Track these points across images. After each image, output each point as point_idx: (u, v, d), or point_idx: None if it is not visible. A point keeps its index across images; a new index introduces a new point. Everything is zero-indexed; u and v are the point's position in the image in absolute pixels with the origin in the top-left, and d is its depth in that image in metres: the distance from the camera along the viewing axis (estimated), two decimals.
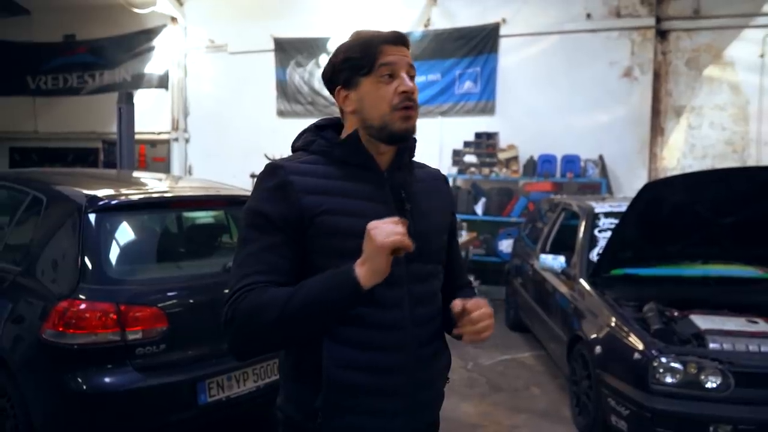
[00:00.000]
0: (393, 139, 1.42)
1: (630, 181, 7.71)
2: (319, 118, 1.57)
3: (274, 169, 1.39)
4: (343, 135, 1.46)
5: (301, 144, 1.49)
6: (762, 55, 7.41)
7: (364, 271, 1.23)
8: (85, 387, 2.82)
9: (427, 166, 1.64)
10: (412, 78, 1.42)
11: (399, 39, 1.43)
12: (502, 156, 8.03)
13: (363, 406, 1.38)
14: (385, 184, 1.44)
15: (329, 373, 1.35)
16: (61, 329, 2.82)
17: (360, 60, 1.40)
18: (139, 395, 2.91)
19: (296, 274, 1.35)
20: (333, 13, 8.89)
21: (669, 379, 3.24)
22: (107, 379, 2.86)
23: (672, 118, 7.88)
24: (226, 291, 1.36)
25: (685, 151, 7.84)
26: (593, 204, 5.03)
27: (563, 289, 4.60)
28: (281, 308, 1.24)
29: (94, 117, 10.59)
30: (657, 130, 7.93)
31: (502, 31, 8.25)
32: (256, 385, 3.31)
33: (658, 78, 7.84)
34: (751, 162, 7.41)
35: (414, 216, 1.44)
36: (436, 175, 1.63)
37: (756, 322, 3.57)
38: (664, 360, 3.26)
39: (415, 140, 1.55)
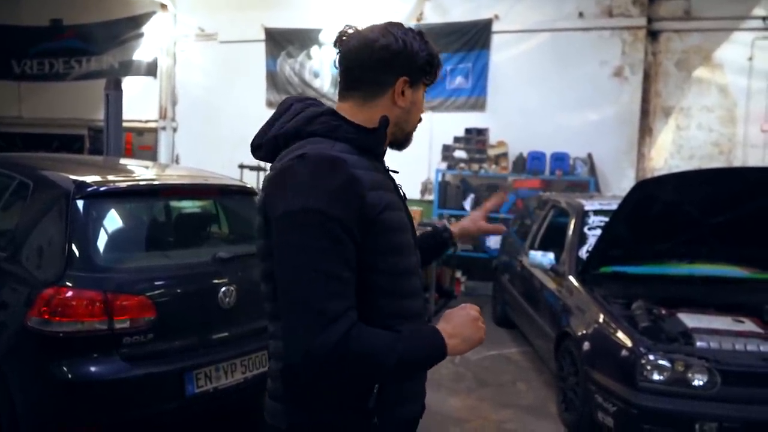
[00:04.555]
0: (401, 147, 1.49)
1: (618, 180, 7.76)
2: (308, 100, 1.43)
3: (335, 161, 1.23)
4: (359, 122, 1.36)
5: (322, 129, 1.32)
6: (750, 58, 7.48)
7: (456, 345, 1.32)
8: (70, 376, 2.78)
9: None
10: None
11: None
12: (491, 152, 8.03)
13: (403, 394, 1.40)
14: (389, 174, 1.45)
15: None
16: (46, 317, 2.77)
17: (434, 68, 1.41)
18: (125, 385, 2.87)
19: None
20: (325, 5, 8.83)
21: (656, 377, 3.26)
22: (93, 368, 2.82)
23: (661, 118, 7.93)
24: (216, 281, 1.33)
25: (672, 152, 7.90)
26: (583, 202, 5.06)
27: (552, 285, 4.61)
28: (389, 362, 1.22)
29: (81, 103, 10.43)
30: (645, 130, 7.98)
31: (495, 27, 8.25)
32: (245, 376, 3.28)
33: (647, 78, 7.88)
34: (737, 164, 7.48)
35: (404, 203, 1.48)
36: None
37: (742, 322, 3.61)
38: (652, 357, 3.28)
39: None
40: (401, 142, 1.46)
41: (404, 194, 1.48)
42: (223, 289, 3.17)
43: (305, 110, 1.37)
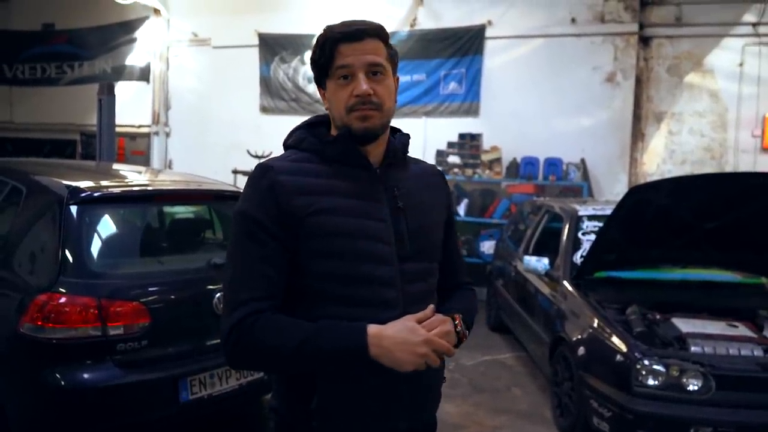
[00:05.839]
0: (357, 140, 1.39)
1: (611, 185, 7.79)
2: (311, 116, 1.54)
3: (264, 170, 1.36)
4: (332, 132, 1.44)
5: (292, 142, 1.46)
6: (741, 64, 7.54)
7: (380, 356, 1.27)
8: (63, 383, 2.76)
9: (423, 162, 1.61)
10: (375, 74, 1.36)
11: (357, 35, 1.36)
12: (485, 157, 8.05)
13: (358, 408, 1.36)
14: (377, 181, 1.41)
15: (323, 375, 1.33)
16: (39, 323, 2.75)
17: (320, 62, 1.39)
18: (119, 392, 2.85)
19: (286, 280, 1.34)
20: (318, 10, 8.83)
21: (651, 382, 3.27)
22: (87, 375, 2.80)
23: (653, 123, 7.98)
24: (210, 287, 1.36)
25: (664, 157, 7.95)
26: (577, 207, 5.07)
27: (546, 290, 4.62)
28: (292, 352, 1.26)
29: (73, 108, 10.39)
30: (638, 135, 8.02)
31: (488, 33, 8.28)
32: (239, 383, 3.26)
33: (639, 84, 7.93)
34: (729, 169, 7.53)
35: (407, 213, 1.43)
36: (432, 171, 1.60)
37: (736, 326, 3.62)
38: (647, 362, 3.29)
39: (408, 136, 1.54)
40: (355, 135, 1.38)
41: (400, 204, 1.42)
42: (218, 294, 3.15)
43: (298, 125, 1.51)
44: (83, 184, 3.17)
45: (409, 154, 1.55)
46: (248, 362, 1.36)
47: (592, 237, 4.51)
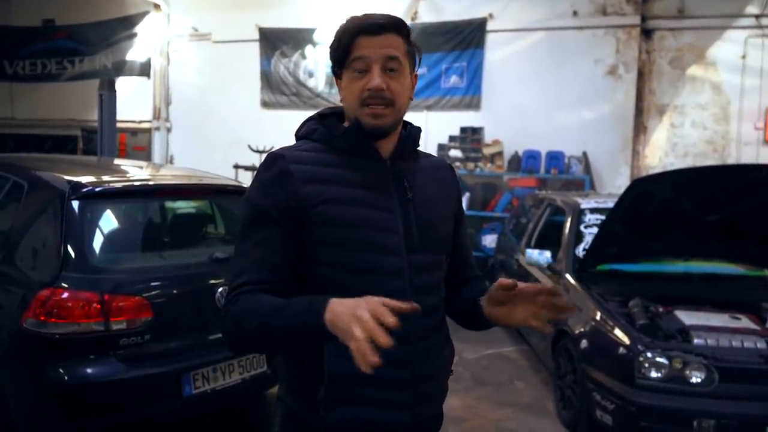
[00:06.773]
0: (366, 135, 1.39)
1: (613, 179, 7.79)
2: (312, 110, 1.55)
3: (274, 158, 1.37)
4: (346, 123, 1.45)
5: (303, 132, 1.47)
6: (744, 57, 7.52)
7: (331, 317, 1.14)
8: (66, 378, 2.75)
9: (433, 156, 1.63)
10: (391, 71, 1.36)
11: (376, 29, 1.35)
12: (486, 151, 8.05)
13: (366, 398, 1.36)
14: (387, 173, 1.42)
15: (331, 365, 1.33)
16: (42, 318, 2.74)
17: (337, 53, 1.39)
18: (122, 386, 2.85)
19: (291, 267, 1.35)
20: (319, 4, 8.82)
21: (654, 374, 3.27)
22: (90, 370, 2.80)
23: (655, 116, 7.97)
24: (212, 281, 1.36)
25: (667, 150, 7.94)
26: (579, 200, 5.06)
27: (548, 283, 4.61)
28: (262, 323, 1.23)
29: (74, 104, 10.39)
30: (640, 128, 8.01)
31: (489, 26, 8.27)
32: (242, 377, 3.26)
33: (642, 76, 7.91)
34: (731, 162, 7.52)
35: (416, 205, 1.43)
36: (441, 164, 1.60)
37: (739, 319, 3.61)
38: (649, 355, 3.29)
39: (419, 129, 1.54)
40: (365, 131, 1.38)
41: (410, 195, 1.42)
42: (220, 289, 3.15)
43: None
44: (85, 179, 3.16)
45: (419, 148, 1.56)
46: (232, 340, 1.31)
47: (595, 230, 4.50)
